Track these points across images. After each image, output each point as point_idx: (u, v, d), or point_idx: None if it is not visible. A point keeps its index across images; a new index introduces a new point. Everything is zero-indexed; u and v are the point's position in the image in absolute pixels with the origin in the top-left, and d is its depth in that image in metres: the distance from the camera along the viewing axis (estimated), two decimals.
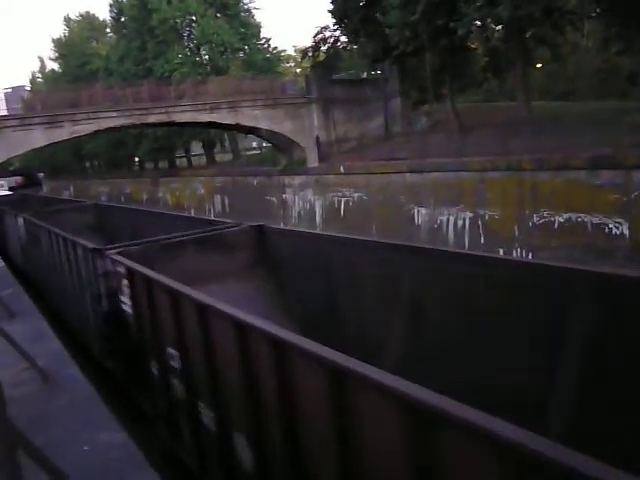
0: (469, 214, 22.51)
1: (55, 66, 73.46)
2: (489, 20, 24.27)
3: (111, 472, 5.30)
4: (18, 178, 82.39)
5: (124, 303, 8.07)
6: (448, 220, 23.39)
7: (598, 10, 25.57)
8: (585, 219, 18.34)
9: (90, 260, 9.89)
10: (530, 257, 19.69)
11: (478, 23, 24.58)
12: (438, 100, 35.37)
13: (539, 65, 36.19)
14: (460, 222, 22.91)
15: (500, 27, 25.86)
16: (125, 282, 7.76)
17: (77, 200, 25.34)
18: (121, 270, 7.89)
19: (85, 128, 30.93)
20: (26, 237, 17.28)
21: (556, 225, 19.25)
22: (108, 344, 9.37)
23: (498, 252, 20.30)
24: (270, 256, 9.54)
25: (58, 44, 69.08)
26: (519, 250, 20.36)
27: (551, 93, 39.33)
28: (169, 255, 8.78)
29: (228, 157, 53.85)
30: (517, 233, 20.63)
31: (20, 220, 17.93)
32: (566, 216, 18.88)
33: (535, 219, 19.98)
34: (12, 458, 3.33)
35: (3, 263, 17.61)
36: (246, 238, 9.74)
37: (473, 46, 29.77)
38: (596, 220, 18.07)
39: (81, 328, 11.91)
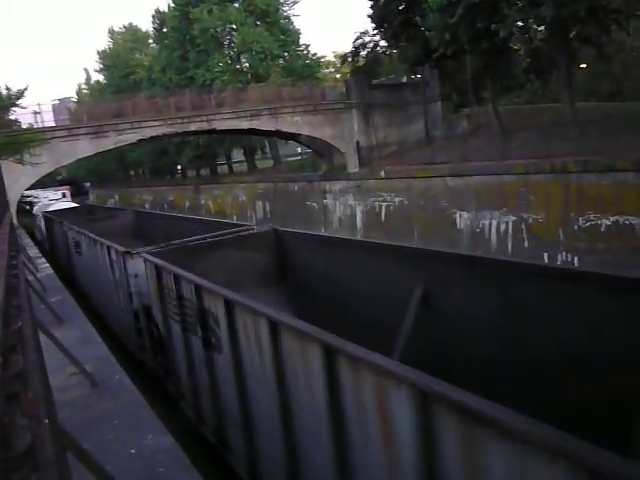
0: (512, 218, 22.17)
1: (100, 77, 75.51)
2: (531, 21, 23.89)
3: (157, 475, 5.37)
4: (65, 187, 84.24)
5: None
6: (490, 224, 23.09)
7: None
8: (633, 222, 17.89)
9: None
10: (576, 261, 19.32)
11: (520, 24, 24.22)
12: (479, 103, 34.98)
13: (583, 65, 35.44)
14: (503, 226, 22.59)
15: (543, 27, 25.40)
16: None
17: (236, 224, 13.59)
18: None
19: (129, 137, 31.66)
20: (169, 302, 8.50)
21: (603, 228, 18.82)
22: None
23: (542, 256, 19.99)
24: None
25: (103, 56, 70.92)
26: (564, 254, 19.95)
27: (596, 94, 38.46)
28: None
29: (269, 163, 54.24)
30: (562, 237, 20.24)
31: (141, 263, 9.86)
32: (613, 219, 18.45)
33: (581, 222, 19.57)
34: (62, 461, 3.40)
35: (52, 270, 17.90)
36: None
37: (515, 47, 29.30)
38: None
39: None
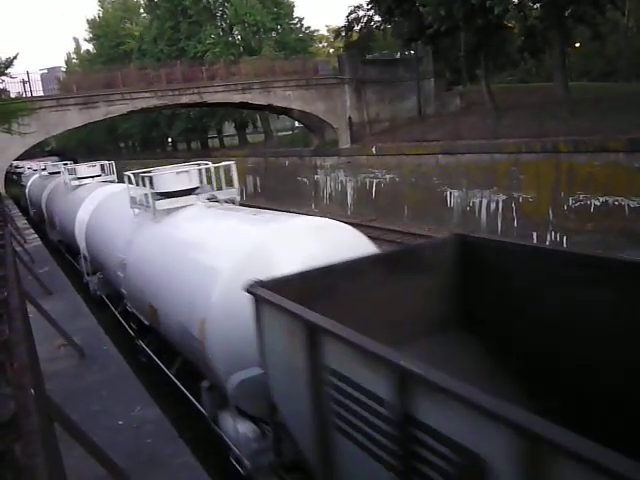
0: (502, 197, 22.20)
1: (90, 47, 74.41)
2: None
3: (144, 445, 5.41)
4: (51, 159, 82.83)
5: None
6: (481, 202, 23.12)
7: None
8: (622, 202, 17.96)
9: None
10: (564, 241, 19.42)
11: (515, 1, 23.99)
12: (472, 81, 34.79)
13: (577, 45, 35.28)
14: (493, 205, 22.62)
15: (538, 5, 25.19)
16: None
17: None
18: None
19: (119, 109, 31.28)
20: None
21: (592, 208, 18.89)
22: None
23: (532, 235, 20.09)
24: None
25: (92, 25, 69.67)
26: (553, 234, 20.04)
27: (589, 73, 38.38)
28: None
29: (260, 138, 53.91)
30: (552, 216, 20.30)
31: None
32: (602, 199, 18.50)
33: (570, 202, 19.61)
34: (49, 431, 3.41)
35: (40, 242, 17.82)
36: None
37: (509, 25, 29.05)
38: (634, 204, 17.66)
39: None
